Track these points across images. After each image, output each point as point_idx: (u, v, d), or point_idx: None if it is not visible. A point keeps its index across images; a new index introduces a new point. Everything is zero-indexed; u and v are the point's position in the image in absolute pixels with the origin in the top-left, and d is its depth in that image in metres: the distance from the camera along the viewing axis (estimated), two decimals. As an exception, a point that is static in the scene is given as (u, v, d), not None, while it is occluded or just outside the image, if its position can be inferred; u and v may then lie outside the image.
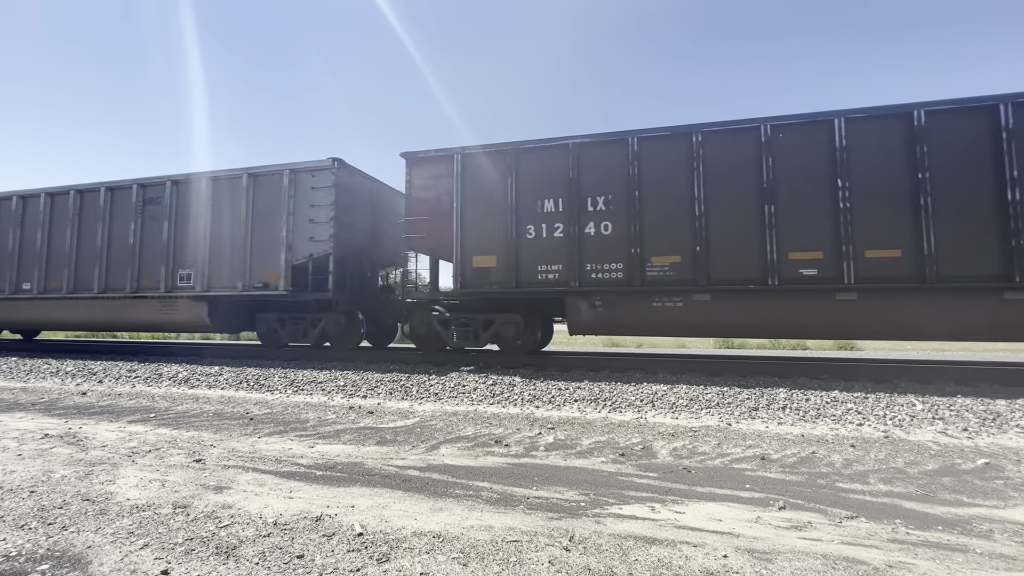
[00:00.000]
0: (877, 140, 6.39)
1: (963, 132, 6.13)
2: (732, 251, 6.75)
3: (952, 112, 6.17)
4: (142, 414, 4.92)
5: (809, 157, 6.58)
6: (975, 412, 4.66)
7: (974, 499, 2.70)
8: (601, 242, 7.28)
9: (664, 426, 4.42)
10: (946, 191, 6.10)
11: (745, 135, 6.83)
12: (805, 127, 6.63)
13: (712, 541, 2.14)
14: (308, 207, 8.74)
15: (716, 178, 6.87)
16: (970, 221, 6.02)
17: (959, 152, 6.11)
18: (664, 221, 7.04)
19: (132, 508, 2.49)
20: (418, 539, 2.15)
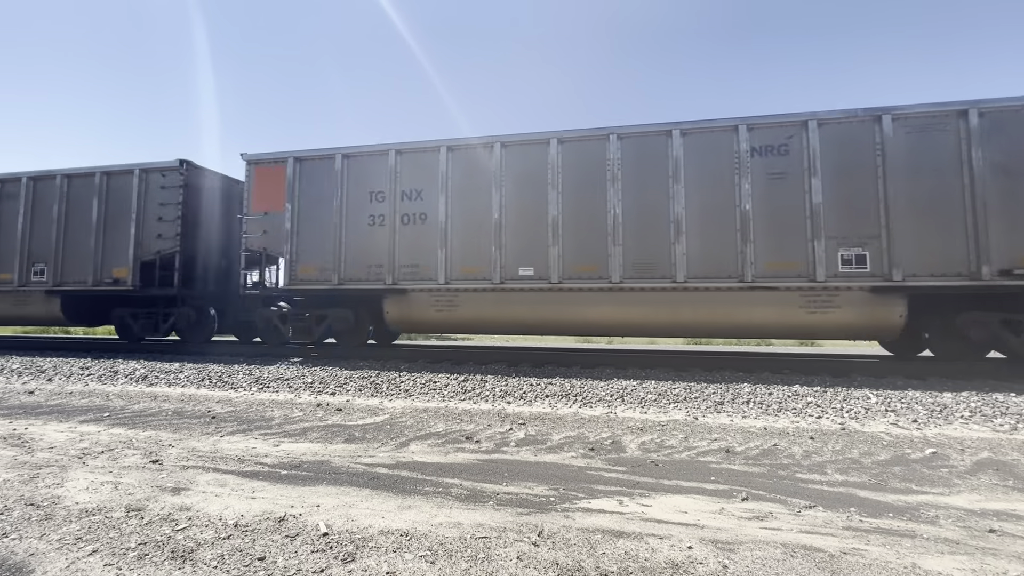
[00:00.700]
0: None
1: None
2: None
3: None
4: (95, 413, 4.69)
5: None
6: (924, 404, 4.90)
7: (922, 487, 2.84)
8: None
9: (633, 421, 4.49)
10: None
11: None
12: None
13: (677, 533, 2.18)
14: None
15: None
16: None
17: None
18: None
19: (81, 512, 2.37)
20: (385, 538, 2.11)
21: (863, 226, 6.60)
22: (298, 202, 8.51)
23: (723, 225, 6.95)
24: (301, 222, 8.49)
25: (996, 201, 6.26)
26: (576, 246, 7.40)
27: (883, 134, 6.58)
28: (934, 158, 6.48)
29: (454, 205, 7.87)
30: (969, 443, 3.77)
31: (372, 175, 8.24)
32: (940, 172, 6.45)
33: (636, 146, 7.31)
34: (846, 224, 6.63)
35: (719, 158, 7.04)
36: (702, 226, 7.02)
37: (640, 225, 7.21)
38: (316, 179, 8.48)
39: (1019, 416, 4.53)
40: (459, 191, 7.88)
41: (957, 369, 6.46)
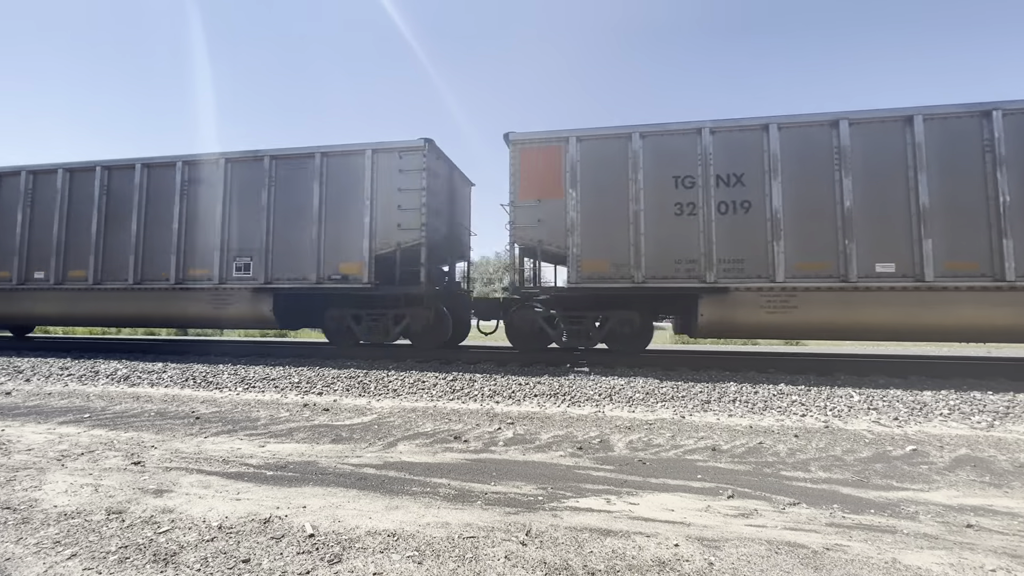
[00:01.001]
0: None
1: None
2: None
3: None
4: (75, 414, 4.59)
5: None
6: (905, 402, 5.00)
7: (903, 483, 2.89)
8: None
9: (621, 419, 4.52)
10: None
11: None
12: None
13: (664, 531, 2.20)
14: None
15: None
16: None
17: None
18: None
19: (60, 516, 2.32)
20: (372, 538, 2.10)
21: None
22: (582, 188, 7.35)
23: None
24: (585, 211, 7.33)
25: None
26: (948, 239, 6.34)
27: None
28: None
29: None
30: (948, 440, 3.85)
31: (679, 157, 7.12)
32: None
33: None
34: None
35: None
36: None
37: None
38: (604, 162, 7.34)
39: (996, 413, 4.64)
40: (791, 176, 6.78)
41: (937, 368, 6.60)
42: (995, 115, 6.30)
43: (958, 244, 6.32)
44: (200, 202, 8.70)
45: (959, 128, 6.45)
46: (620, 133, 7.29)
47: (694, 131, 7.06)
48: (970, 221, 6.32)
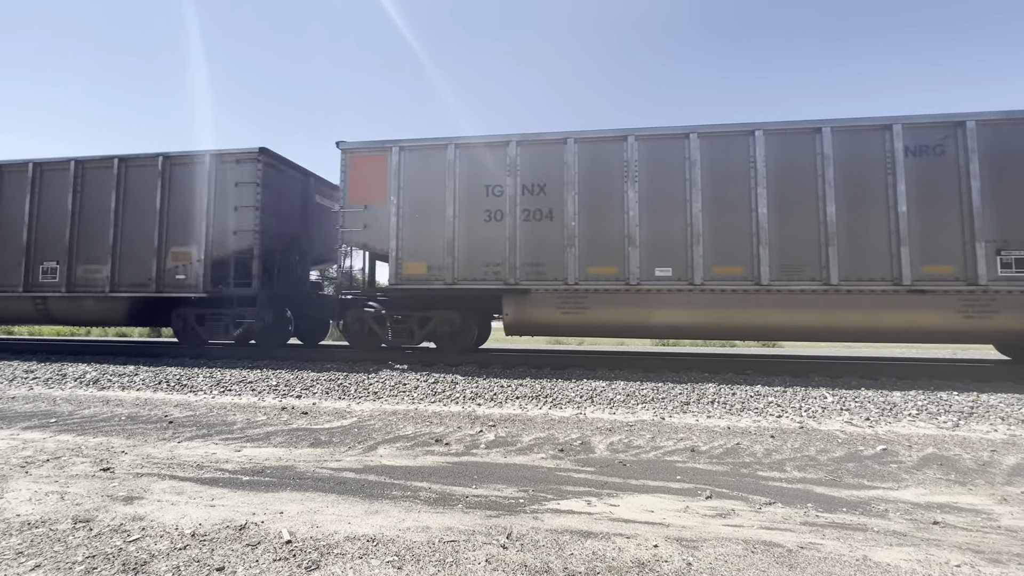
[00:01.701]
0: None
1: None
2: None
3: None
4: (40, 419, 4.43)
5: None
6: (876, 403, 5.14)
7: (873, 482, 2.98)
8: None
9: (602, 421, 4.55)
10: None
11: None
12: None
13: (644, 532, 2.22)
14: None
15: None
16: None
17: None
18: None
19: (23, 525, 2.23)
20: (351, 544, 2.07)
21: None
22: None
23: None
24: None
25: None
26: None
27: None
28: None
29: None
30: (916, 440, 3.97)
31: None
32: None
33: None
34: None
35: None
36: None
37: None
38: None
39: (960, 413, 4.80)
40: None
41: (906, 369, 6.81)
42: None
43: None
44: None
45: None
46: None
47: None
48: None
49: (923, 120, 6.70)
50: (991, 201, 6.51)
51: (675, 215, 7.15)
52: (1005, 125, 6.56)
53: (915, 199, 6.65)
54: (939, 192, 6.63)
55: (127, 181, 8.64)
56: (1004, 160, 6.53)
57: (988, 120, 6.58)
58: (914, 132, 6.71)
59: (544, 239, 7.43)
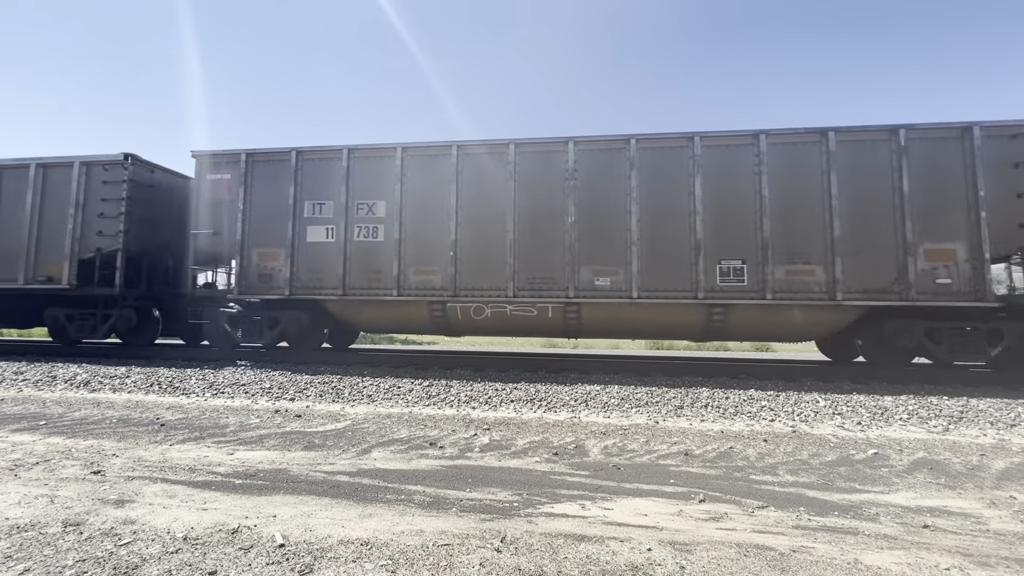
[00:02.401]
0: None
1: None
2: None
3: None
4: (30, 421, 4.38)
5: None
6: (867, 407, 5.19)
7: (864, 486, 3.00)
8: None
9: (596, 425, 4.56)
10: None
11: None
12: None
13: (638, 536, 2.23)
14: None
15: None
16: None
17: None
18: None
19: (12, 528, 2.20)
20: (345, 547, 2.07)
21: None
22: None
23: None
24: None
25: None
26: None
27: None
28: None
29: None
30: (907, 444, 4.01)
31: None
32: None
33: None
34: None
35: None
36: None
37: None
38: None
39: (951, 418, 4.85)
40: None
41: (898, 374, 6.87)
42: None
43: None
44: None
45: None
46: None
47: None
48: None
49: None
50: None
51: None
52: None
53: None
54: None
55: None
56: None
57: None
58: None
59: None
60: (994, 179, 6.64)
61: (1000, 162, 6.68)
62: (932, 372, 6.83)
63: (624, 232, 7.22)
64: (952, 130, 6.79)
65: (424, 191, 7.78)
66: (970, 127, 6.70)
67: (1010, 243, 6.72)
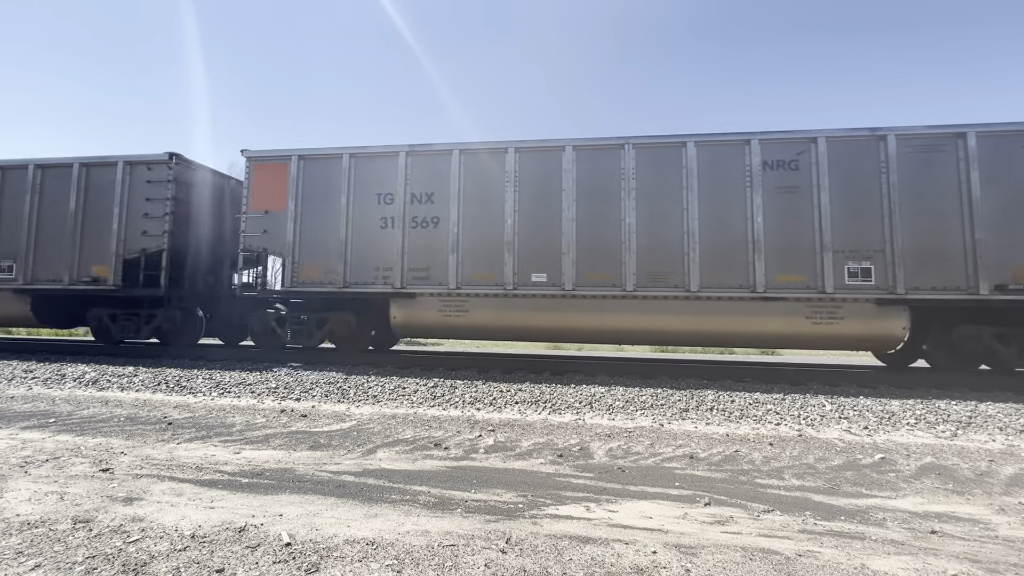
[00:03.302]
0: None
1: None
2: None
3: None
4: (39, 419, 4.43)
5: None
6: (874, 412, 5.15)
7: (871, 491, 2.98)
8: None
9: (601, 427, 4.55)
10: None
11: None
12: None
13: (643, 538, 2.23)
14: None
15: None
16: None
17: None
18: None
19: (23, 525, 2.23)
20: (350, 547, 2.08)
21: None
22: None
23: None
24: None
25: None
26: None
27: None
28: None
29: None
30: (914, 449, 3.98)
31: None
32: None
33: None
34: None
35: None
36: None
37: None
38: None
39: (959, 423, 4.81)
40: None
41: (905, 378, 6.82)
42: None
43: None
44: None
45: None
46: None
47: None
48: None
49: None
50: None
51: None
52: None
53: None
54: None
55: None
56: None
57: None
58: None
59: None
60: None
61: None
62: (939, 376, 6.77)
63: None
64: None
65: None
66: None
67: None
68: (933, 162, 6.91)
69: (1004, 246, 6.68)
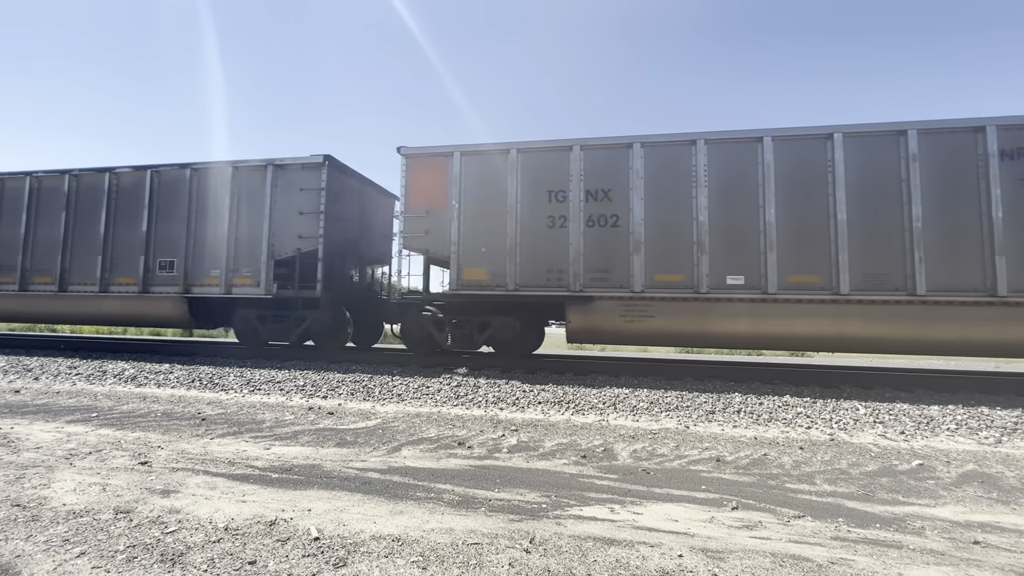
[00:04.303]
0: None
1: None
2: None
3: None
4: (83, 413, 4.64)
5: None
6: (911, 416, 4.96)
7: (909, 498, 2.87)
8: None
9: (625, 428, 4.51)
10: None
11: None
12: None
13: (668, 541, 2.20)
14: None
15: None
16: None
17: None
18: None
19: (68, 514, 2.34)
20: (377, 543, 2.11)
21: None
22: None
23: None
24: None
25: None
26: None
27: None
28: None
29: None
30: (955, 455, 3.82)
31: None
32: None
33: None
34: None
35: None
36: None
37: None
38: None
39: (1003, 429, 4.60)
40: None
41: (944, 382, 6.55)
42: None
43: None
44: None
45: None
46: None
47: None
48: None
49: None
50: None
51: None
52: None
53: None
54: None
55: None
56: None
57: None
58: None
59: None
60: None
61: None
62: (983, 381, 6.48)
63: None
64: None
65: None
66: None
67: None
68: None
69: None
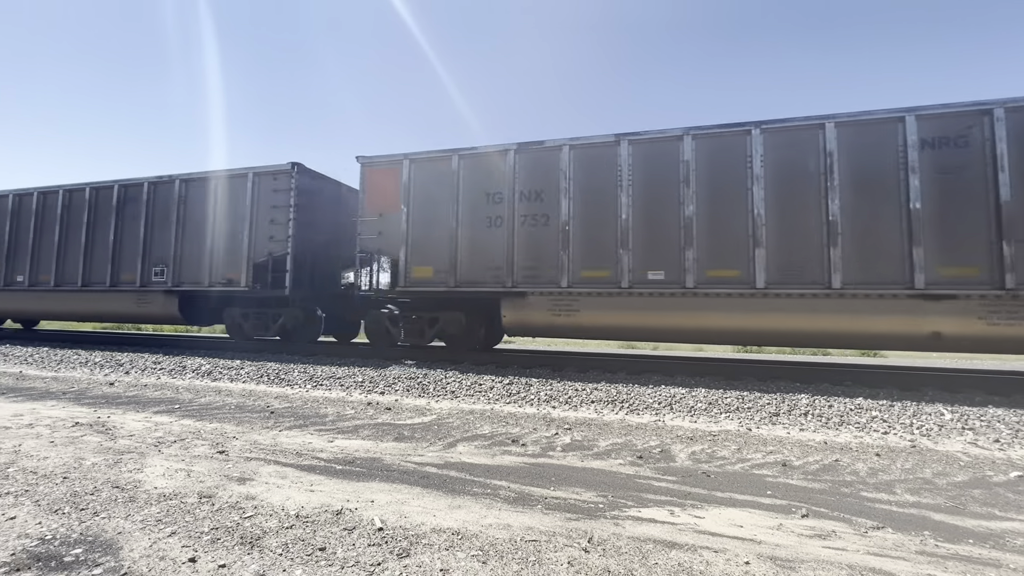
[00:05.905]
0: None
1: None
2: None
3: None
4: (167, 405, 5.04)
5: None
6: (1007, 423, 4.51)
7: (1007, 513, 2.61)
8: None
9: (682, 429, 4.38)
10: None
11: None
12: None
13: (733, 547, 2.11)
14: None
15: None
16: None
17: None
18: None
19: (159, 496, 2.55)
20: (437, 536, 2.16)
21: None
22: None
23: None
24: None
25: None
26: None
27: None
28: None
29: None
30: (1061, 467, 3.44)
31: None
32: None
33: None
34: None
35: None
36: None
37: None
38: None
39: (1121, 439, 4.08)
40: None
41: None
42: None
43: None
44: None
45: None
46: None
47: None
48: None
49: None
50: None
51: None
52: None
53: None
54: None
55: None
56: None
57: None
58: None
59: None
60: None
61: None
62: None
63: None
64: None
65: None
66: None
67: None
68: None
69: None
